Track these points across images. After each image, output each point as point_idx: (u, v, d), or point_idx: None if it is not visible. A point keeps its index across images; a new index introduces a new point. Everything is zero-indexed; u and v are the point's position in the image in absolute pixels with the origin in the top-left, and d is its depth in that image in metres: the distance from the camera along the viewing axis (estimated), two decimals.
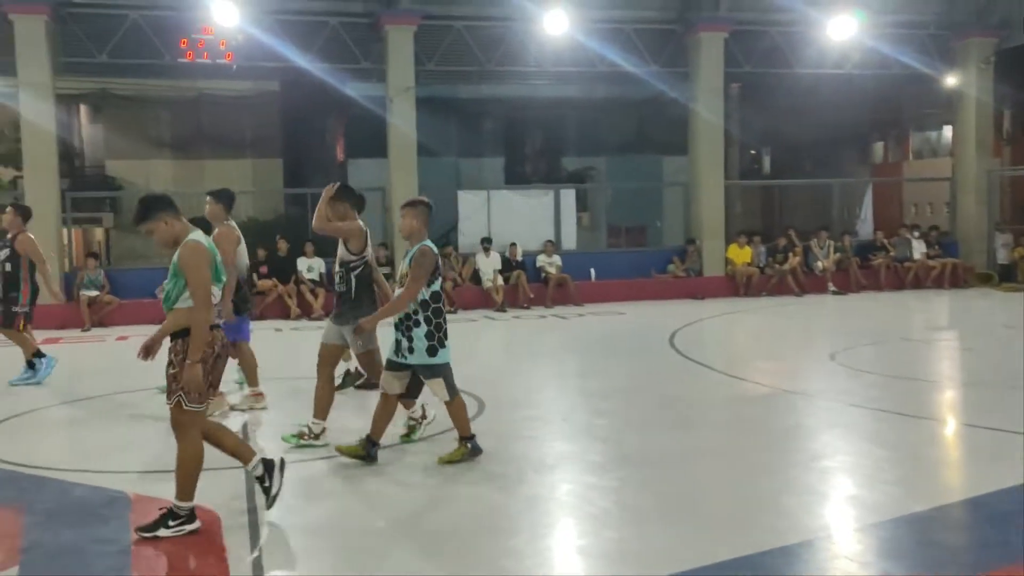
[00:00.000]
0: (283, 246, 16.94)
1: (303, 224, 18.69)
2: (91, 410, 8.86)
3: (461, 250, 18.39)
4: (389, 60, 17.35)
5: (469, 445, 6.41)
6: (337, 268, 7.09)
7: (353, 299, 6.95)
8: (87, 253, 18.13)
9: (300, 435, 6.86)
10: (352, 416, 7.72)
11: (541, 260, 18.13)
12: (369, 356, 7.13)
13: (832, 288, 18.92)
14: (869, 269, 19.47)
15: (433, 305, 6.30)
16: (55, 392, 9.55)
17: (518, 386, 9.86)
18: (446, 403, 6.40)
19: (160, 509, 4.97)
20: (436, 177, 20.27)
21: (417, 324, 6.24)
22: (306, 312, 16.21)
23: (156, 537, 4.86)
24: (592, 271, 18.74)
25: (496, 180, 23.65)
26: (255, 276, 16.32)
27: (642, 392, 9.17)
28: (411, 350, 6.25)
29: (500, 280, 17.46)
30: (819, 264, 19.25)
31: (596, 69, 18.98)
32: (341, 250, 7.03)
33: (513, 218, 18.99)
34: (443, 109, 22.30)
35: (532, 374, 10.91)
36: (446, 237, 19.55)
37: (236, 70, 17.95)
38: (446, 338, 6.37)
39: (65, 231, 16.99)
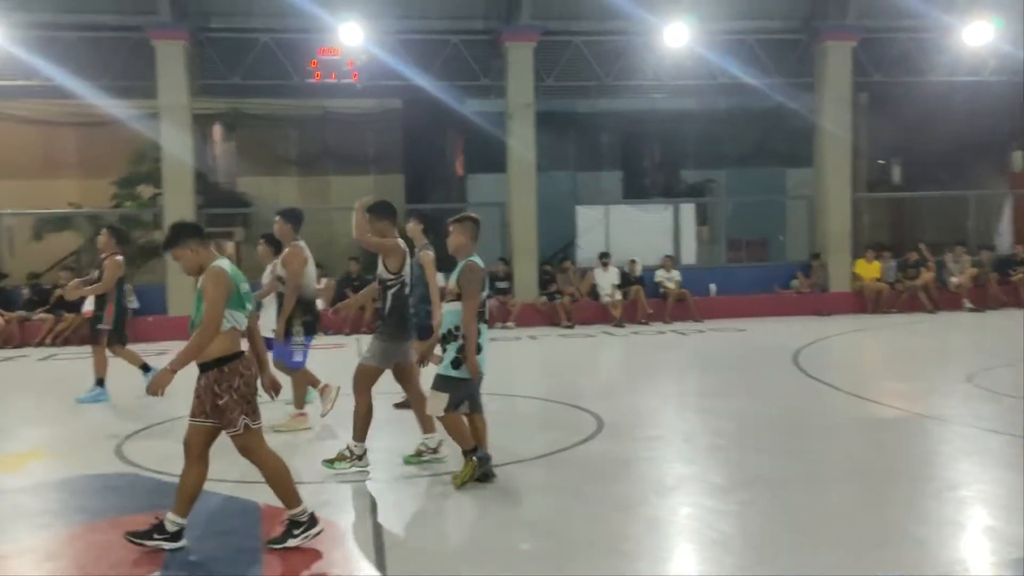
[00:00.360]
0: None
1: None
2: None
3: (579, 265, 18.38)
4: (509, 76, 17.54)
5: (476, 457, 6.22)
6: (377, 286, 7.04)
7: (387, 317, 6.90)
8: None
9: (341, 458, 6.79)
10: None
11: (660, 275, 17.96)
12: (369, 373, 6.92)
13: (968, 304, 18.10)
14: (1008, 285, 18.55)
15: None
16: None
17: (637, 404, 9.77)
18: (442, 415, 6.25)
19: (282, 522, 5.11)
20: (554, 192, 20.34)
21: (455, 339, 6.26)
22: None
23: (286, 547, 5.00)
24: (712, 286, 18.45)
25: (614, 195, 23.54)
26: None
27: (765, 412, 8.95)
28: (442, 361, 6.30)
29: (618, 295, 17.37)
30: (953, 279, 18.44)
31: (717, 81, 18.74)
32: (380, 268, 6.99)
33: (631, 233, 18.89)
34: (561, 124, 22.36)
35: (651, 392, 10.80)
36: (564, 252, 19.59)
37: (360, 89, 18.45)
38: (478, 353, 6.26)
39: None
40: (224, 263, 5.09)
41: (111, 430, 8.32)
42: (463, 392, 6.29)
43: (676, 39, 17.28)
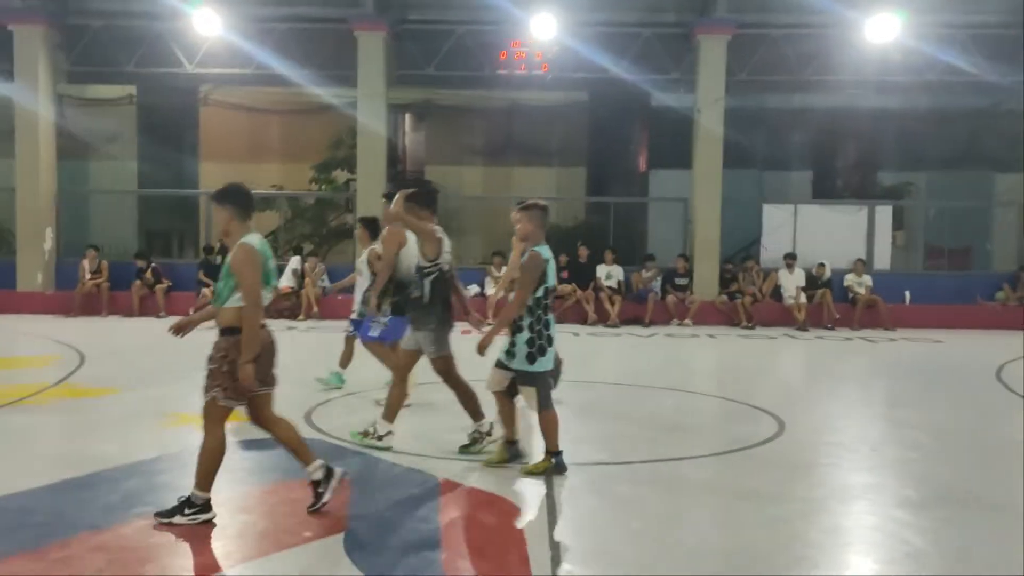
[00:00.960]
0: (584, 252, 17.32)
1: (604, 231, 19.05)
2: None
3: (763, 265, 17.87)
4: (700, 70, 17.24)
5: (554, 460, 6.14)
6: (415, 273, 6.96)
7: (427, 304, 6.82)
8: None
9: (364, 433, 6.91)
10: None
11: (849, 279, 17.21)
12: (444, 362, 6.88)
13: None
14: None
15: (536, 311, 6.20)
16: (381, 376, 10.34)
17: (820, 410, 9.40)
18: (538, 413, 6.19)
19: (180, 497, 5.14)
20: (740, 189, 19.83)
21: (520, 329, 6.18)
22: (603, 318, 16.45)
23: (172, 523, 5.04)
24: (907, 294, 17.52)
25: (803, 194, 22.71)
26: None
27: (964, 428, 8.41)
28: (513, 355, 6.22)
29: (803, 298, 16.77)
30: None
31: (923, 78, 17.74)
32: (418, 255, 6.95)
33: (820, 234, 18.17)
34: (751, 119, 21.75)
35: (835, 398, 10.37)
36: (747, 251, 19.08)
37: (549, 81, 18.60)
38: (549, 345, 6.21)
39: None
40: (254, 239, 5.11)
41: (302, 398, 8.75)
42: (548, 383, 6.29)
43: (879, 34, 16.47)
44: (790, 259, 17.19)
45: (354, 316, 9.13)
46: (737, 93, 18.42)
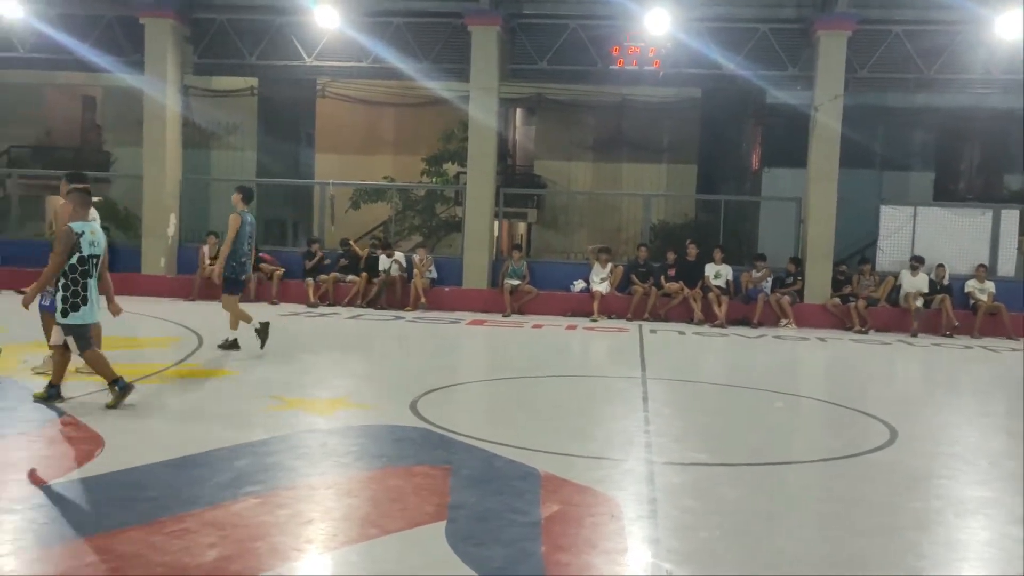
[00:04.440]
0: (692, 251, 17.08)
1: (713, 230, 18.76)
2: (507, 389, 9.59)
3: (878, 268, 17.29)
4: (819, 67, 16.77)
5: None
6: None
7: None
8: (512, 245, 19.65)
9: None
10: None
11: (970, 285, 16.52)
12: None
13: None
14: None
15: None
16: (484, 368, 10.49)
17: (936, 419, 9.06)
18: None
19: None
20: (856, 189, 19.25)
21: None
22: (710, 318, 16.19)
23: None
24: None
25: (924, 195, 21.92)
26: (663, 278, 16.71)
27: None
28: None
29: (921, 303, 16.17)
30: None
31: None
32: None
33: (941, 237, 17.46)
34: (870, 118, 21.09)
35: (952, 407, 9.98)
36: (862, 253, 18.50)
37: (661, 77, 18.39)
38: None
39: (496, 223, 18.51)
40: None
41: (407, 387, 8.90)
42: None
43: (1011, 31, 15.72)
44: (916, 262, 16.58)
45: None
46: (856, 90, 17.86)
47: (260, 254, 17.38)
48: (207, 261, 17.19)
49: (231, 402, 8.21)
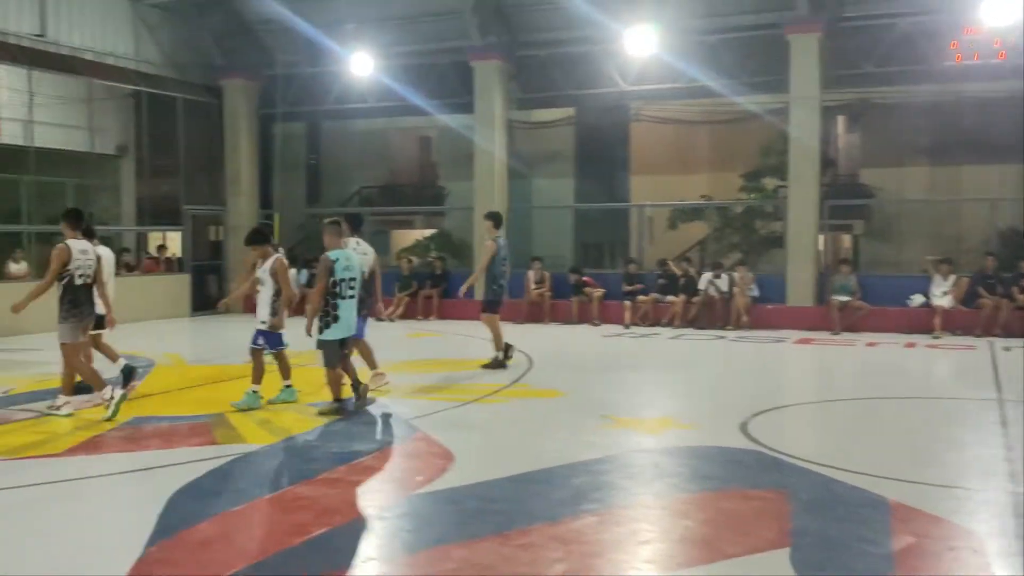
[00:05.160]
0: None
1: None
2: (844, 410, 9.12)
3: None
4: None
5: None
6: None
7: None
8: (839, 259, 18.69)
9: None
10: None
11: None
12: None
13: None
14: None
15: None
16: (816, 388, 10.07)
17: None
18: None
19: None
20: None
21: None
22: None
23: None
24: None
25: None
26: (1015, 290, 15.15)
27: None
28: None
29: None
30: None
31: None
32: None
33: None
34: None
35: None
36: None
37: (1007, 69, 16.72)
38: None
39: (821, 237, 17.70)
40: None
41: (735, 408, 8.73)
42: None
43: None
44: None
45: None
46: None
47: (583, 277, 17.88)
48: (532, 286, 17.98)
49: (564, 421, 8.49)
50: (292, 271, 11.04)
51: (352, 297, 8.46)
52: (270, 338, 8.85)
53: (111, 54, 18.48)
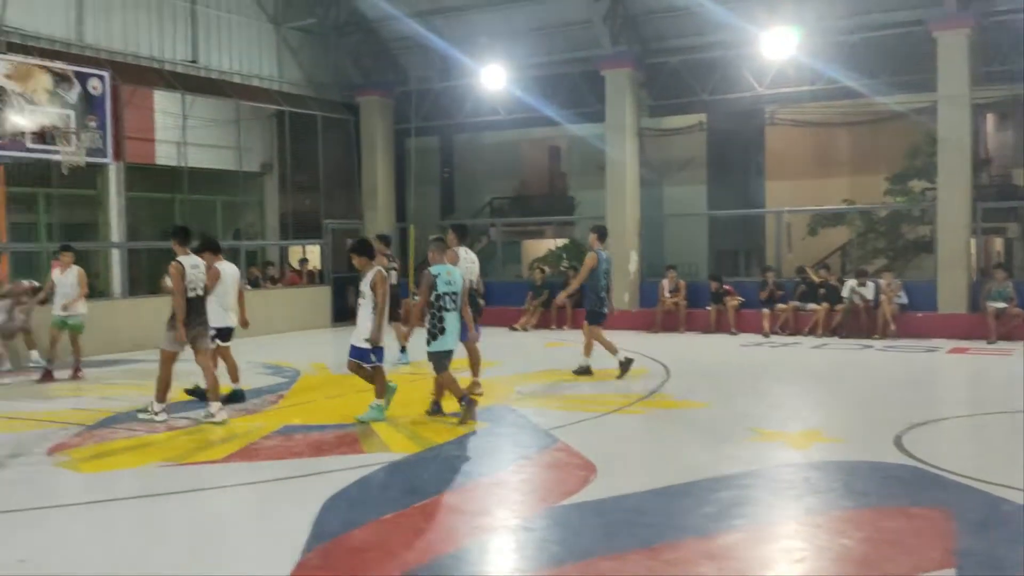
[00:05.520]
0: None
1: None
2: (1005, 424, 8.63)
3: None
4: None
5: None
6: None
7: None
8: (993, 264, 17.73)
9: None
10: None
11: None
12: None
13: None
14: None
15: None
16: (974, 401, 9.60)
17: None
18: None
19: None
20: None
21: None
22: None
23: None
24: None
25: None
26: None
27: None
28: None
29: None
30: None
31: None
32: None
33: None
34: None
35: None
36: None
37: None
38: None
39: (973, 241, 16.84)
40: None
41: (887, 421, 8.38)
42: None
43: None
44: None
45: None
46: None
47: (724, 286, 17.54)
48: (666, 294, 17.77)
49: (707, 433, 8.33)
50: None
51: (455, 310, 8.66)
52: (375, 353, 8.71)
53: (256, 76, 19.35)
